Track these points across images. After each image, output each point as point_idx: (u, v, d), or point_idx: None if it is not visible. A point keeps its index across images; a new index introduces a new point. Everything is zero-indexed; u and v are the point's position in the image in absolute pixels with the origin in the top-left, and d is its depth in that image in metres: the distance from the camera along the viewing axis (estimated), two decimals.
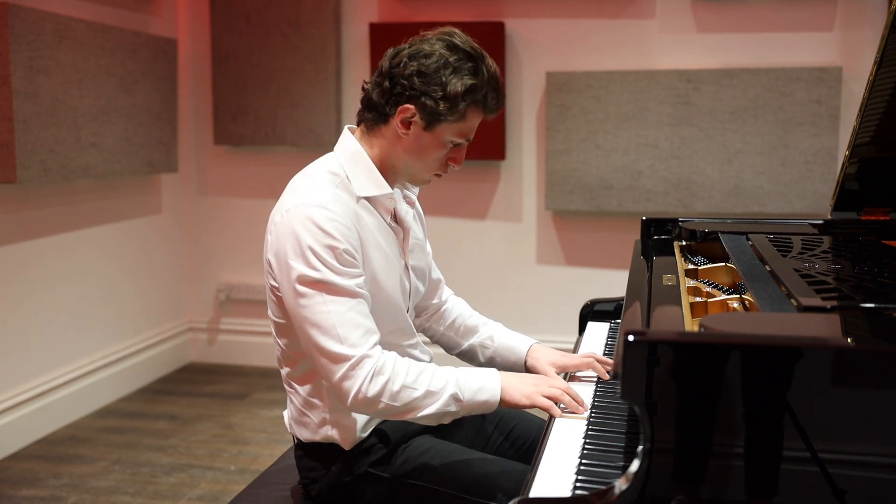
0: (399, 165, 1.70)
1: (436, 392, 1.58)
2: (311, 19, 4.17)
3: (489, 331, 2.00)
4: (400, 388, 1.56)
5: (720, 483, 1.16)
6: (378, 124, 1.68)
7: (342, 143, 1.73)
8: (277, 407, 3.90)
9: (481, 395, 1.61)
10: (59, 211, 3.62)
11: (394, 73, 1.64)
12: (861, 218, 2.32)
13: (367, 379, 1.54)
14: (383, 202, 1.71)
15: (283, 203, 1.66)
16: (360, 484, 1.70)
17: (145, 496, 3.01)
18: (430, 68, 1.61)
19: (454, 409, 1.60)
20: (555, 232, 4.16)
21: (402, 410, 1.57)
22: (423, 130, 1.64)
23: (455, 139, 1.67)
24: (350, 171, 1.68)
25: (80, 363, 3.78)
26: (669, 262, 2.00)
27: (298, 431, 1.75)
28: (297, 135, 4.25)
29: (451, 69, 1.61)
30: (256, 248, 4.49)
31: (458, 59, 1.62)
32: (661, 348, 1.18)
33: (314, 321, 1.56)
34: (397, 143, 1.67)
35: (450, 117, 1.62)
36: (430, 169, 1.71)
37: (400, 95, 1.63)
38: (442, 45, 1.63)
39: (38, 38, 3.26)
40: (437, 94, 1.60)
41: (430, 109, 1.61)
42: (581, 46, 4.02)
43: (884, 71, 1.99)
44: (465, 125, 1.66)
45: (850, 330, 1.27)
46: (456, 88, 1.60)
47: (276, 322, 1.71)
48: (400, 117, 1.64)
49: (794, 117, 3.76)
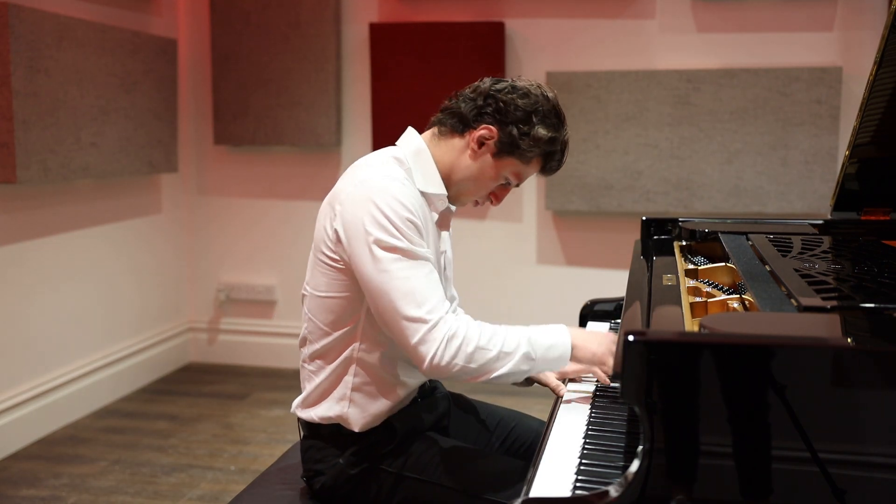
0: (455, 177, 1.76)
1: (510, 353, 1.61)
2: (311, 19, 4.17)
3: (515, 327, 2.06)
4: (474, 350, 1.59)
5: (720, 483, 1.16)
6: (454, 133, 1.76)
7: (406, 139, 1.79)
8: (277, 407, 3.90)
9: (553, 353, 1.65)
10: (59, 211, 3.62)
11: (493, 94, 1.72)
12: (861, 218, 2.32)
13: (442, 342, 1.57)
14: (435, 202, 1.76)
15: (356, 176, 1.69)
16: (365, 478, 1.72)
17: (145, 496, 3.01)
18: (528, 106, 1.70)
19: (526, 368, 1.63)
20: (555, 232, 4.16)
21: (478, 372, 1.60)
22: (491, 155, 1.73)
23: (510, 178, 1.76)
24: (413, 165, 1.74)
25: (80, 363, 3.78)
26: (669, 262, 2.00)
27: (313, 412, 1.76)
28: (297, 135, 4.25)
29: (541, 115, 1.71)
30: (256, 248, 4.50)
31: (549, 111, 1.72)
32: (660, 348, 1.18)
33: (394, 286, 1.59)
34: (463, 155, 1.74)
35: (521, 156, 1.72)
36: (476, 193, 1.78)
37: (490, 116, 1.72)
38: (544, 98, 1.73)
39: (38, 38, 3.26)
40: (524, 129, 1.70)
41: (511, 140, 1.70)
42: (581, 46, 4.02)
43: (884, 71, 1.99)
44: (525, 170, 1.76)
45: (850, 330, 1.27)
46: (540, 134, 1.70)
47: (317, 296, 1.73)
48: (479, 134, 1.72)
49: (794, 117, 3.76)
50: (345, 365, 1.72)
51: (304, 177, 4.39)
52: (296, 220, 4.41)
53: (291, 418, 3.75)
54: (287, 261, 4.45)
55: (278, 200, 4.44)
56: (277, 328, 4.50)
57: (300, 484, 1.84)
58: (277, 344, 4.49)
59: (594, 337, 1.71)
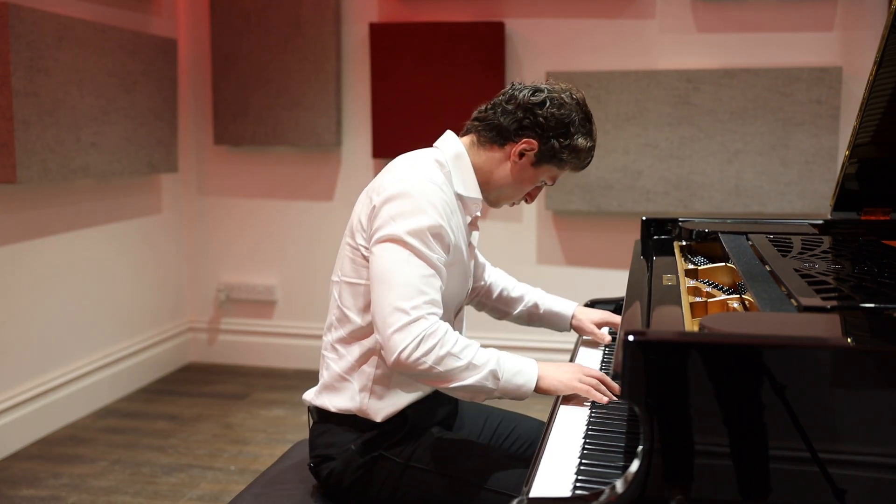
0: (493, 185, 1.83)
1: (478, 366, 1.63)
2: (311, 19, 4.17)
3: (533, 298, 2.17)
4: (445, 355, 1.61)
5: (720, 483, 1.16)
6: (494, 144, 1.81)
7: (446, 142, 1.84)
8: (277, 407, 3.90)
9: (518, 378, 1.67)
10: (59, 211, 3.62)
11: (531, 108, 1.77)
12: (861, 218, 2.32)
13: (416, 339, 1.59)
14: (470, 206, 1.82)
15: (397, 173, 1.74)
16: (373, 466, 1.74)
17: (145, 496, 3.01)
18: (564, 118, 1.76)
19: (490, 386, 1.65)
20: (555, 232, 4.16)
21: (442, 378, 1.62)
22: (530, 165, 1.80)
23: (547, 181, 1.85)
24: (453, 168, 1.80)
25: (80, 363, 3.78)
26: (669, 262, 2.00)
27: (330, 400, 1.78)
28: (297, 135, 4.25)
29: (578, 125, 1.78)
30: (256, 248, 4.50)
31: (583, 119, 1.79)
32: (661, 348, 1.18)
33: (388, 273, 1.64)
34: (502, 166, 1.81)
35: (561, 163, 1.79)
36: (515, 196, 1.86)
37: (530, 130, 1.77)
38: (575, 104, 1.79)
39: (38, 38, 3.26)
40: (565, 143, 1.76)
41: (552, 152, 1.77)
42: (581, 46, 4.02)
43: (884, 71, 1.99)
44: (560, 173, 1.85)
45: (850, 330, 1.27)
46: (580, 144, 1.78)
47: (347, 282, 1.77)
48: (520, 147, 1.78)
49: (794, 117, 3.76)
50: (367, 355, 1.76)
51: (304, 177, 4.39)
52: (296, 220, 4.41)
53: (291, 418, 3.75)
54: (287, 261, 4.45)
55: (278, 200, 4.44)
56: (277, 328, 4.50)
57: (301, 483, 1.84)
58: (277, 344, 4.49)
59: (562, 367, 1.73)
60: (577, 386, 1.68)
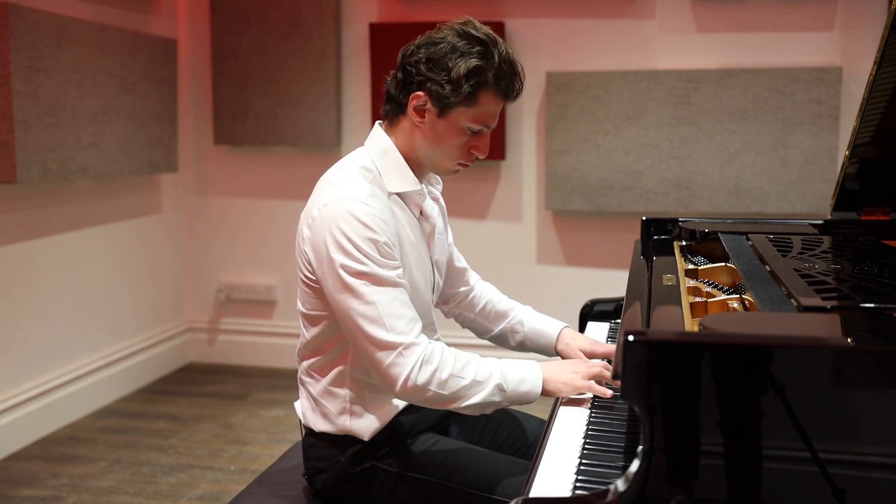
0: (421, 156, 1.71)
1: (482, 381, 1.60)
2: (311, 19, 4.17)
3: (519, 315, 2.02)
4: (448, 377, 1.58)
5: (720, 483, 1.16)
6: (397, 116, 1.71)
7: (373, 138, 1.75)
8: (277, 407, 3.90)
9: (524, 386, 1.63)
10: (59, 211, 3.62)
11: (405, 62, 1.68)
12: (861, 218, 2.32)
13: (415, 366, 1.56)
14: (413, 198, 1.74)
15: (321, 197, 1.67)
16: (367, 476, 1.72)
17: (145, 496, 3.01)
18: (437, 54, 1.64)
19: (498, 400, 1.62)
20: (555, 232, 4.16)
21: (449, 399, 1.59)
22: (437, 118, 1.66)
23: (471, 125, 1.67)
24: (381, 167, 1.71)
25: (80, 363, 3.78)
26: (669, 262, 2.00)
27: (313, 422, 1.75)
28: (297, 135, 4.25)
29: (459, 53, 1.63)
30: (256, 248, 4.50)
31: (466, 45, 1.64)
32: (661, 348, 1.18)
33: (361, 311, 1.57)
34: (415, 132, 1.69)
35: (458, 101, 1.63)
36: (450, 157, 1.71)
37: (411, 84, 1.66)
38: (453, 33, 1.66)
39: (38, 38, 3.26)
40: (443, 79, 1.62)
41: (437, 94, 1.63)
42: (581, 46, 4.02)
43: (884, 71, 1.99)
44: (479, 110, 1.66)
45: (850, 330, 1.27)
46: (459, 71, 1.61)
47: (306, 313, 1.73)
48: (413, 104, 1.67)
49: (794, 117, 3.76)
50: (339, 380, 1.72)
51: (304, 177, 4.39)
52: (296, 220, 4.37)
53: (291, 418, 3.75)
54: (287, 261, 4.45)
55: (278, 200, 4.44)
56: (277, 328, 4.50)
57: (300, 484, 1.84)
58: (277, 344, 4.49)
59: (564, 366, 1.70)
60: (581, 385, 1.66)
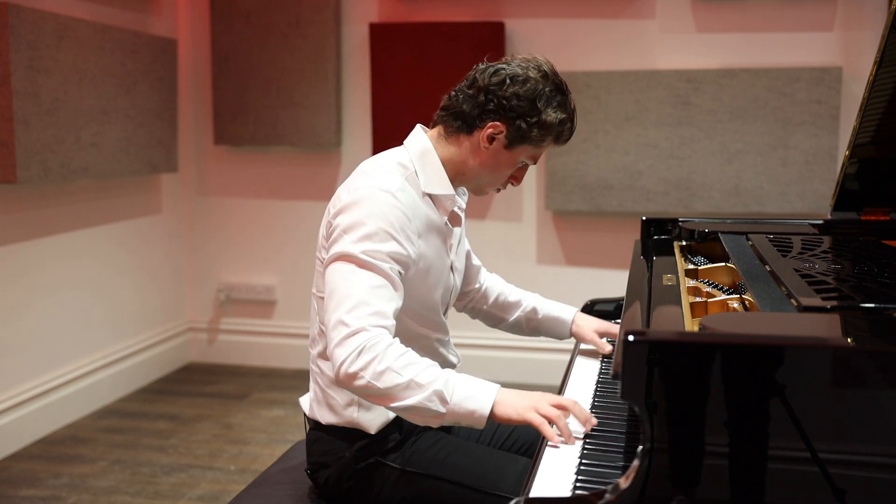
0: (470, 175, 1.77)
1: (421, 385, 1.52)
2: (311, 19, 4.17)
3: (531, 303, 2.09)
4: (385, 370, 1.51)
5: (720, 483, 1.16)
6: (461, 133, 1.75)
7: (413, 139, 1.79)
8: (277, 407, 3.90)
9: (470, 403, 1.53)
10: (59, 211, 3.62)
11: (492, 89, 1.70)
12: (861, 218, 2.32)
13: (355, 351, 1.52)
14: (444, 202, 1.77)
15: (353, 182, 1.71)
16: (370, 472, 1.72)
17: (145, 496, 3.01)
18: (528, 94, 1.69)
19: (437, 409, 1.52)
20: (555, 232, 4.16)
21: (383, 395, 1.52)
22: (503, 148, 1.73)
23: (527, 161, 1.77)
24: (419, 167, 1.75)
25: (80, 363, 3.78)
26: (669, 262, 2.00)
27: (320, 414, 1.76)
28: (297, 135, 4.25)
29: (545, 99, 1.69)
30: (256, 248, 4.50)
31: (552, 91, 1.71)
32: (661, 348, 1.18)
33: (335, 287, 1.59)
34: (474, 154, 1.74)
35: (535, 141, 1.72)
36: (496, 183, 1.80)
37: (494, 113, 1.70)
38: (537, 73, 1.71)
39: (38, 38, 3.26)
40: (532, 121, 1.69)
41: (521, 132, 1.70)
42: (581, 46, 4.02)
43: (884, 71, 1.99)
44: (540, 150, 1.76)
45: (850, 330, 1.27)
46: (550, 119, 1.70)
47: (319, 297, 1.74)
48: (488, 132, 1.71)
49: (794, 117, 3.76)
50: None
51: (304, 177, 4.39)
52: (296, 220, 4.41)
53: (291, 418, 3.75)
54: (287, 261, 4.45)
55: (278, 200, 4.44)
56: (277, 328, 4.50)
57: (301, 483, 1.84)
58: (277, 344, 4.49)
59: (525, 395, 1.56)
60: (531, 417, 1.51)
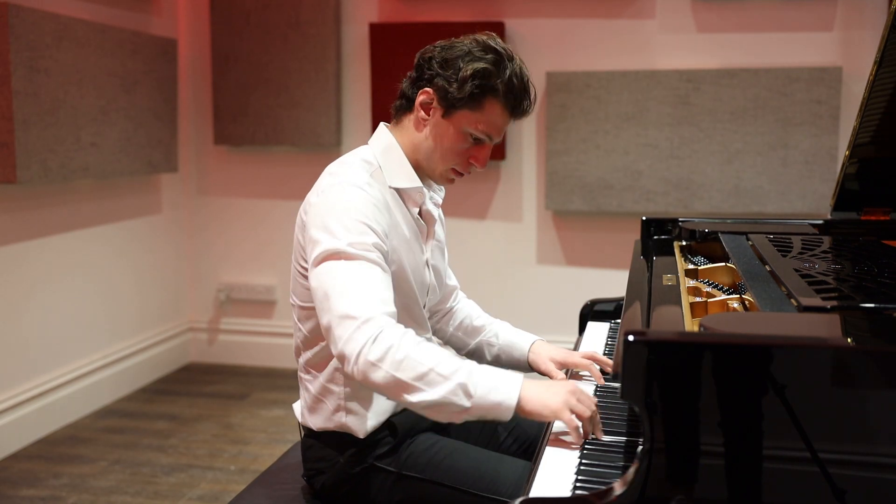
0: (420, 157, 1.73)
1: (444, 375, 1.44)
2: (311, 19, 4.17)
3: (494, 329, 2.03)
4: (404, 358, 1.44)
5: (720, 483, 1.16)
6: (405, 112, 1.75)
7: (377, 136, 1.78)
8: (277, 407, 3.90)
9: (494, 395, 1.44)
10: (59, 211, 3.62)
11: (420, 61, 1.73)
12: (861, 218, 2.32)
13: (370, 340, 1.46)
14: (412, 195, 1.74)
15: (319, 185, 1.71)
16: (366, 476, 1.71)
17: (145, 496, 3.01)
18: (451, 55, 1.67)
19: (463, 404, 1.44)
20: (555, 232, 4.16)
21: (403, 386, 1.45)
22: (441, 118, 1.69)
23: (474, 132, 1.68)
24: (383, 162, 1.73)
25: (80, 363, 3.78)
26: (669, 262, 2.00)
27: (311, 420, 1.76)
28: (297, 135, 4.25)
29: (471, 57, 1.66)
30: (256, 248, 4.50)
31: (481, 51, 1.66)
32: (661, 348, 1.18)
33: (330, 285, 1.54)
34: (419, 129, 1.72)
35: (462, 102, 1.65)
36: (447, 159, 1.71)
37: (421, 80, 1.71)
38: (472, 40, 1.69)
39: (38, 38, 3.26)
40: (451, 76, 1.65)
41: (443, 91, 1.66)
42: (581, 46, 4.02)
43: (884, 71, 1.99)
44: (484, 117, 1.67)
45: (850, 330, 1.27)
46: (467, 72, 1.64)
47: (301, 306, 1.73)
48: (420, 99, 1.70)
49: (794, 117, 3.76)
50: (334, 375, 1.72)
51: (305, 177, 4.37)
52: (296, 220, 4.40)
53: (291, 418, 3.75)
54: (287, 261, 4.42)
55: (278, 200, 4.44)
56: (277, 328, 4.50)
57: (300, 484, 1.84)
58: (277, 344, 4.49)
59: (554, 388, 1.49)
60: (566, 418, 1.45)
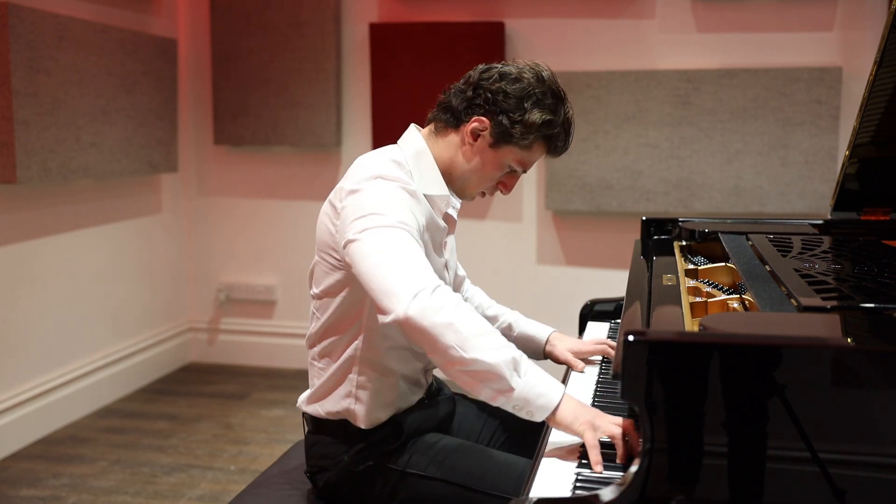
0: (456, 174, 1.74)
1: (502, 344, 1.45)
2: (311, 19, 4.17)
3: (508, 319, 2.06)
4: (467, 311, 1.45)
5: (720, 483, 1.16)
6: (449, 128, 1.73)
7: (408, 138, 1.76)
8: (277, 407, 3.90)
9: (541, 387, 1.47)
10: (59, 211, 3.62)
11: (481, 84, 1.70)
12: (861, 218, 2.32)
13: (432, 287, 1.45)
14: (439, 203, 1.74)
15: (355, 176, 1.66)
16: (369, 475, 1.72)
17: (145, 496, 3.01)
18: (515, 92, 1.67)
19: (512, 380, 1.44)
20: (555, 232, 4.16)
21: (460, 342, 1.42)
22: (488, 147, 1.70)
23: (514, 166, 1.72)
24: (414, 167, 1.72)
25: (80, 363, 3.78)
26: (669, 262, 2.00)
27: (319, 406, 1.76)
28: (297, 135, 4.25)
29: (534, 100, 1.66)
30: (256, 248, 4.50)
31: (542, 93, 1.68)
32: (661, 348, 1.18)
33: (384, 251, 1.50)
34: (460, 150, 1.72)
35: (518, 143, 1.68)
36: (480, 185, 1.75)
37: (479, 107, 1.69)
38: (531, 74, 1.69)
39: (38, 38, 3.26)
40: (516, 118, 1.66)
41: (503, 129, 1.67)
42: (581, 46, 4.02)
43: (884, 71, 1.99)
44: (528, 156, 1.71)
45: (850, 330, 1.27)
46: (534, 119, 1.66)
47: (321, 295, 1.72)
48: (472, 126, 1.69)
49: (794, 117, 3.76)
50: (349, 363, 1.73)
51: (304, 177, 4.39)
52: (296, 220, 4.41)
53: (291, 418, 3.75)
54: (287, 261, 4.45)
55: (278, 200, 4.44)
56: (277, 328, 4.50)
57: (301, 484, 1.84)
58: (277, 344, 4.49)
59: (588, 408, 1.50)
60: (587, 436, 1.43)
